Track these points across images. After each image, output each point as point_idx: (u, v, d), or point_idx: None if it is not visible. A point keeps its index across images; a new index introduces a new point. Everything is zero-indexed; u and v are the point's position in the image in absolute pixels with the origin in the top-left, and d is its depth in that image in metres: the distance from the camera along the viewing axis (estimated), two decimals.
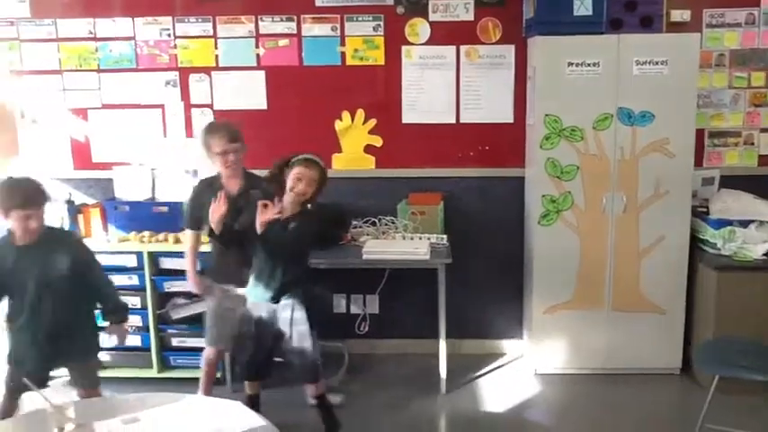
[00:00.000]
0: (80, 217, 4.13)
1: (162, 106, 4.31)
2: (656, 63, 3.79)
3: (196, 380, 3.66)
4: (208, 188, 3.42)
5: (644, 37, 3.84)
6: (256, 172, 4.12)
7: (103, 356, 4.02)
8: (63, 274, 2.86)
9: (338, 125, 4.29)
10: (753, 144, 4.28)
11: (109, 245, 4.00)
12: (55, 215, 4.11)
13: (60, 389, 3.88)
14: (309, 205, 3.22)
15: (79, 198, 4.28)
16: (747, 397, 3.10)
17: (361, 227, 4.19)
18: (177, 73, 4.27)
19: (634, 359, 4.07)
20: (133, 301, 3.94)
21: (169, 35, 4.24)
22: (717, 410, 3.10)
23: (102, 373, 3.98)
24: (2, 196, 2.77)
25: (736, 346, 3.17)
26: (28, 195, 2.77)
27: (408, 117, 4.29)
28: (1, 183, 2.84)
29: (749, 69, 4.21)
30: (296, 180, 3.11)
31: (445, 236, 4.04)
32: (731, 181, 4.14)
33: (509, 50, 4.21)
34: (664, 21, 4.03)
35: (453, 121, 4.28)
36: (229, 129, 3.48)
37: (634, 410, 3.74)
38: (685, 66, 3.79)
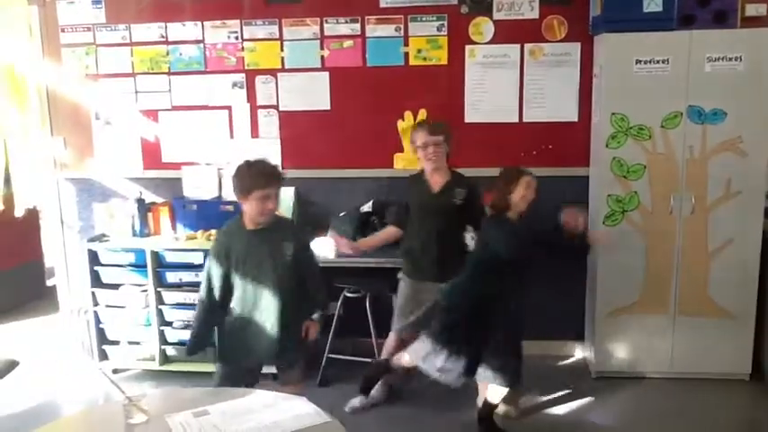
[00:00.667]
0: (149, 215, 4.28)
1: (229, 107, 4.42)
2: (730, 59, 3.68)
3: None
4: (413, 184, 3.67)
5: (717, 33, 3.73)
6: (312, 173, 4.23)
7: (170, 350, 4.20)
8: (287, 260, 2.94)
9: (401, 125, 4.32)
10: None
11: (177, 242, 4.14)
12: (126, 213, 4.29)
13: (133, 381, 4.09)
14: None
15: (149, 197, 4.43)
16: None
17: None
18: (244, 75, 4.37)
19: (701, 364, 3.97)
20: (197, 297, 4.04)
21: (237, 38, 4.34)
22: None
23: (167, 367, 4.17)
24: (243, 177, 2.87)
25: None
26: (268, 175, 2.88)
27: (471, 116, 4.28)
28: (240, 165, 2.92)
29: None
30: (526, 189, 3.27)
31: None
32: None
33: (575, 48, 4.15)
34: (738, 15, 3.90)
35: (516, 120, 4.25)
36: (433, 125, 3.65)
37: (699, 416, 3.65)
38: (760, 61, 3.67)
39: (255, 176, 2.84)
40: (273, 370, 3.22)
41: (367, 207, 4.21)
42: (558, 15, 4.12)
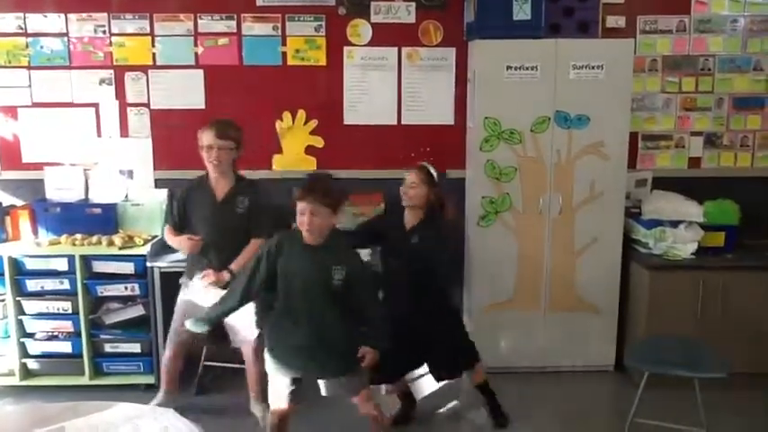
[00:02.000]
0: (7, 219, 3.99)
1: (96, 105, 4.19)
2: (593, 68, 3.87)
3: (130, 386, 3.58)
4: (197, 188, 3.42)
5: (581, 42, 3.93)
6: (187, 174, 4.05)
7: (31, 364, 3.92)
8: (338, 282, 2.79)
9: (279, 126, 4.26)
10: (683, 147, 4.43)
11: (39, 248, 3.87)
12: None
13: None
14: None
15: (7, 200, 4.13)
16: (677, 391, 3.20)
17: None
18: (112, 71, 4.17)
19: (570, 357, 4.16)
20: (64, 305, 3.84)
21: (104, 32, 4.13)
22: (648, 405, 3.20)
23: (29, 382, 3.89)
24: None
25: (666, 344, 3.28)
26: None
27: (350, 118, 4.28)
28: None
29: (680, 74, 4.35)
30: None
31: None
32: (663, 182, 4.28)
33: (450, 53, 4.24)
34: (600, 26, 4.13)
35: (395, 122, 4.30)
36: (222, 125, 3.38)
37: (569, 407, 3.83)
38: (620, 70, 3.89)
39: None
40: None
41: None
42: (434, 20, 4.20)
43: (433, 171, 3.42)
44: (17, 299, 3.86)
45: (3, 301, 3.86)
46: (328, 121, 4.26)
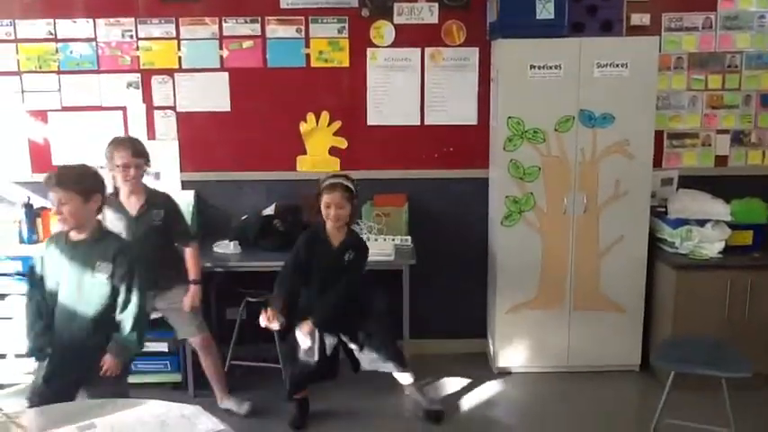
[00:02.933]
0: (38, 221, 4.07)
1: (124, 108, 4.26)
2: (617, 66, 3.85)
3: (158, 385, 3.64)
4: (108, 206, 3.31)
5: (604, 40, 3.90)
6: (212, 176, 4.14)
7: None
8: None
9: (303, 127, 4.29)
10: (709, 145, 4.38)
11: None
12: (12, 219, 4.07)
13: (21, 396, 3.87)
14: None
15: (39, 202, 4.20)
16: (703, 392, 3.18)
17: None
18: (139, 75, 4.22)
19: (595, 357, 4.14)
20: None
21: (131, 36, 4.19)
22: (674, 406, 3.17)
23: None
24: None
25: (692, 343, 3.25)
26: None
27: (373, 119, 4.30)
28: None
29: (706, 72, 4.30)
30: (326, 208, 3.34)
31: (409, 237, 4.08)
32: (689, 181, 4.24)
33: (473, 53, 4.24)
34: (624, 25, 4.10)
35: (418, 123, 4.31)
36: (135, 143, 3.48)
37: (594, 407, 3.81)
38: (645, 68, 3.86)
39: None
40: None
41: (269, 210, 4.15)
42: (456, 20, 4.20)
43: (351, 185, 3.40)
44: None
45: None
46: (352, 122, 4.28)
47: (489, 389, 4.00)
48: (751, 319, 3.81)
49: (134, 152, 3.40)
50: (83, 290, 2.81)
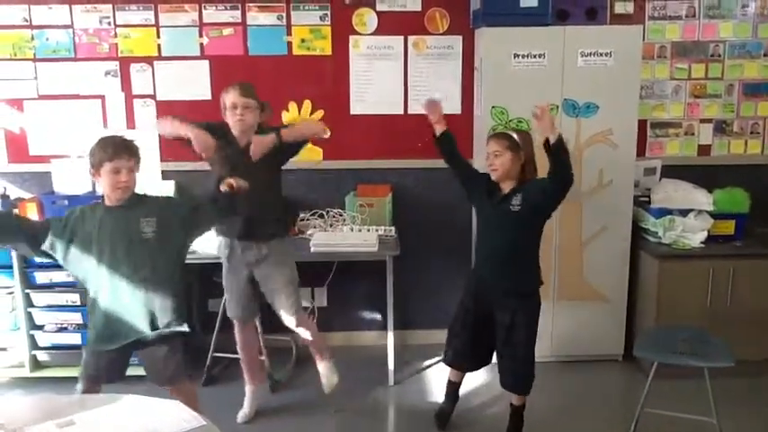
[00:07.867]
0: (15, 212, 3.98)
1: (102, 97, 4.18)
2: (601, 55, 3.84)
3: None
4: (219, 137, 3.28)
5: (589, 29, 3.90)
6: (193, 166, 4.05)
7: (41, 356, 3.94)
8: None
9: (285, 116, 4.24)
10: (692, 134, 4.39)
11: None
12: None
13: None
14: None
15: (15, 192, 4.13)
16: (686, 381, 3.19)
17: (308, 219, 4.15)
18: (118, 63, 4.15)
19: (579, 346, 4.15)
20: (72, 297, 3.87)
21: (109, 23, 4.11)
22: (657, 394, 3.19)
23: (39, 374, 3.92)
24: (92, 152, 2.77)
25: (675, 333, 3.26)
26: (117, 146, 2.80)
27: (356, 108, 4.26)
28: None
29: (690, 61, 4.30)
30: None
31: (393, 227, 4.05)
32: (672, 170, 4.25)
33: (457, 41, 4.21)
34: (608, 13, 4.09)
35: (401, 112, 4.27)
36: (245, 84, 3.34)
37: (578, 396, 3.83)
38: (629, 57, 3.85)
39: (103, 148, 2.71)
40: None
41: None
42: (440, 8, 4.16)
43: (514, 135, 3.22)
44: (26, 291, 3.88)
45: (12, 293, 3.88)
46: (334, 111, 4.24)
47: (474, 378, 3.98)
48: (733, 307, 3.84)
49: (242, 92, 3.26)
50: (131, 253, 2.74)
